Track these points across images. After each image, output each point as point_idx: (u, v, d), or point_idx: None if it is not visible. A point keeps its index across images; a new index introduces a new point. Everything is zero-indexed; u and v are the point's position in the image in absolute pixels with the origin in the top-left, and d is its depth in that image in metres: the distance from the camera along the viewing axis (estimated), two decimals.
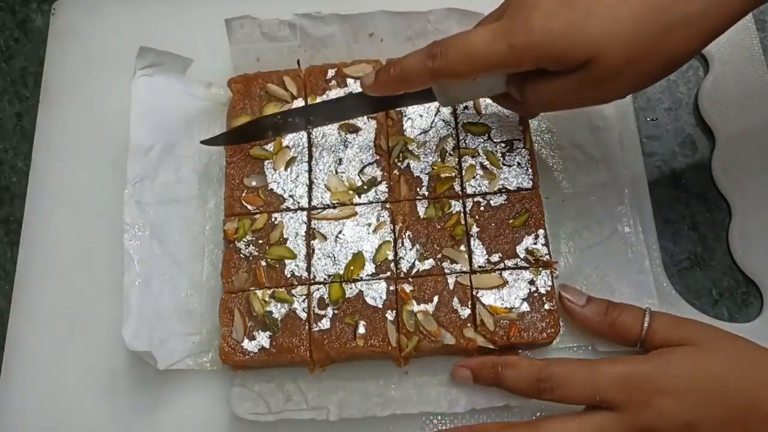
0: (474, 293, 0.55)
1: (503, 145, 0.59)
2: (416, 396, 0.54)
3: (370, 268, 0.56)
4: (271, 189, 0.58)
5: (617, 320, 0.53)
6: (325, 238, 0.57)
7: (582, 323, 0.54)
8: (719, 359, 0.48)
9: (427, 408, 0.53)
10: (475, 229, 0.56)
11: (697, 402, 0.47)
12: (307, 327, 0.54)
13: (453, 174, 0.58)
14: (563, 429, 0.49)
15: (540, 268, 0.55)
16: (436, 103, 0.60)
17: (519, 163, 0.58)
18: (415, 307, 0.54)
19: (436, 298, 0.55)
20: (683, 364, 0.48)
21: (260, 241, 0.57)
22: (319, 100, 0.61)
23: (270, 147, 0.59)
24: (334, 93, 0.61)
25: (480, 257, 0.56)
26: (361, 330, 0.54)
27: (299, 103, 0.61)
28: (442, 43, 0.49)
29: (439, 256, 0.56)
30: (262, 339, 0.54)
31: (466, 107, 0.60)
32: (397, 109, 0.60)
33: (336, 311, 0.55)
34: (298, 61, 0.63)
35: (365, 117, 0.60)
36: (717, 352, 0.48)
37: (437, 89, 0.54)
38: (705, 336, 0.50)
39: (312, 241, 0.57)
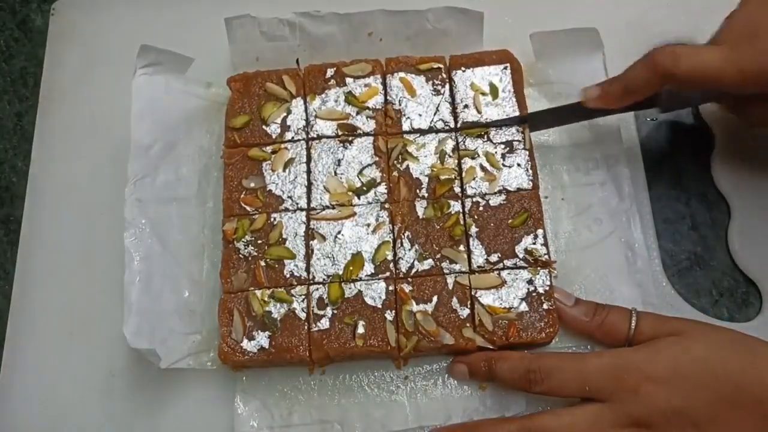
0: (473, 293, 0.55)
1: (503, 146, 0.59)
2: (415, 407, 0.55)
3: (369, 268, 0.56)
4: (270, 190, 0.58)
5: (605, 320, 0.53)
6: (324, 238, 0.57)
7: (571, 324, 0.55)
8: (703, 344, 0.49)
9: (425, 422, 0.54)
10: (474, 229, 0.56)
11: (685, 387, 0.47)
12: (306, 327, 0.54)
13: (453, 176, 0.58)
14: (557, 421, 0.49)
15: (539, 268, 0.55)
16: (435, 104, 0.60)
17: (519, 164, 0.58)
18: (414, 307, 0.54)
19: (435, 298, 0.55)
20: (668, 352, 0.49)
21: (259, 242, 0.57)
22: (318, 99, 0.61)
23: (268, 148, 0.60)
24: (333, 92, 0.61)
25: (479, 257, 0.56)
26: (361, 330, 0.54)
27: (298, 102, 0.61)
28: (673, 52, 0.51)
29: (438, 256, 0.56)
30: (262, 339, 0.54)
31: (466, 106, 0.60)
32: (396, 108, 0.60)
33: (335, 311, 0.55)
34: (297, 61, 0.63)
35: (365, 118, 0.60)
36: (701, 338, 0.49)
37: (665, 95, 0.56)
38: (689, 327, 0.51)
39: (311, 242, 0.57)
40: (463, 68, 0.61)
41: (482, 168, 0.58)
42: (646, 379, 0.48)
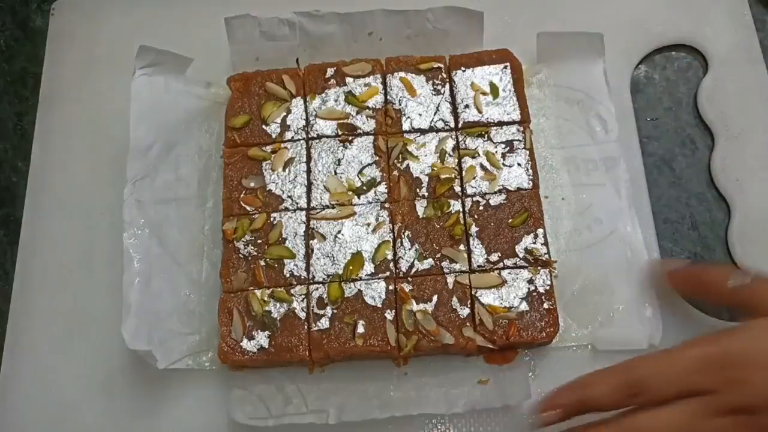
0: (473, 293, 0.55)
1: (503, 145, 0.59)
2: (415, 397, 0.54)
3: (369, 267, 0.56)
4: (270, 190, 0.58)
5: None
6: (324, 237, 0.57)
7: (704, 289, 0.52)
8: None
9: (426, 409, 0.53)
10: (474, 229, 0.56)
11: None
12: (306, 327, 0.54)
13: (453, 175, 0.58)
14: (653, 421, 0.46)
15: (539, 268, 0.55)
16: (436, 103, 0.60)
17: (519, 164, 0.58)
18: (415, 307, 0.54)
19: (435, 298, 0.55)
20: None
21: (259, 241, 0.57)
22: (317, 99, 0.61)
23: (268, 148, 0.60)
24: (333, 92, 0.61)
25: (479, 257, 0.56)
26: (360, 329, 0.54)
27: (298, 101, 0.61)
28: None
29: (438, 255, 0.56)
30: (261, 339, 0.54)
31: (467, 106, 0.60)
32: (396, 108, 0.60)
33: (335, 311, 0.55)
34: (297, 60, 0.63)
35: (365, 117, 0.60)
36: None
37: None
38: None
39: (311, 241, 0.57)
40: (463, 68, 0.61)
41: (482, 167, 0.58)
42: (755, 366, 0.45)
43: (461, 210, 0.57)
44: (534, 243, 0.56)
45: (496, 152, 0.59)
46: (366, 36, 0.63)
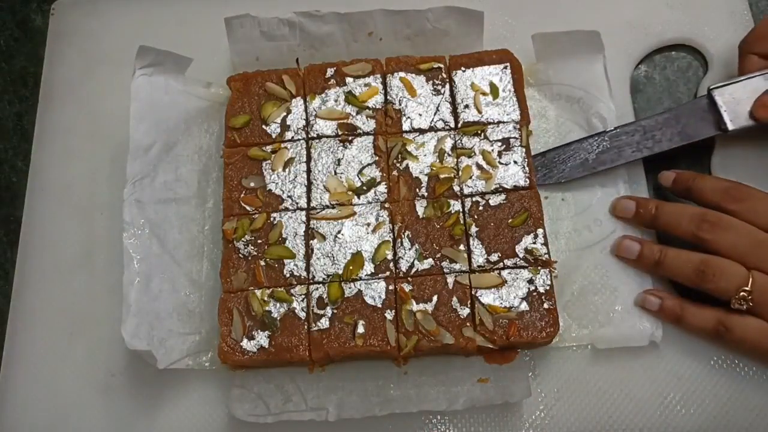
0: (473, 293, 0.55)
1: (500, 143, 0.59)
2: (415, 395, 0.54)
3: (369, 267, 0.56)
4: (270, 190, 0.58)
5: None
6: (324, 237, 0.57)
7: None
8: None
9: (426, 407, 0.53)
10: (474, 229, 0.56)
11: None
12: (306, 327, 0.54)
13: (452, 174, 0.58)
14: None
15: (539, 268, 0.55)
16: (436, 104, 0.60)
17: (515, 161, 0.58)
18: (415, 307, 0.54)
19: (435, 298, 0.55)
20: None
21: (259, 241, 0.57)
22: (317, 99, 0.61)
23: (268, 148, 0.60)
24: (333, 92, 0.61)
25: (479, 257, 0.56)
26: (360, 329, 0.54)
27: (298, 101, 0.61)
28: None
29: (438, 255, 0.56)
30: (261, 339, 0.54)
31: (466, 106, 0.60)
32: (396, 108, 0.60)
33: (335, 311, 0.55)
34: (297, 60, 0.63)
35: (365, 117, 0.60)
36: None
37: None
38: None
39: (311, 241, 0.57)
40: (463, 68, 0.61)
41: (478, 166, 0.58)
42: None
43: (461, 210, 0.57)
44: (534, 243, 0.56)
45: (492, 150, 0.59)
46: (366, 36, 0.63)
